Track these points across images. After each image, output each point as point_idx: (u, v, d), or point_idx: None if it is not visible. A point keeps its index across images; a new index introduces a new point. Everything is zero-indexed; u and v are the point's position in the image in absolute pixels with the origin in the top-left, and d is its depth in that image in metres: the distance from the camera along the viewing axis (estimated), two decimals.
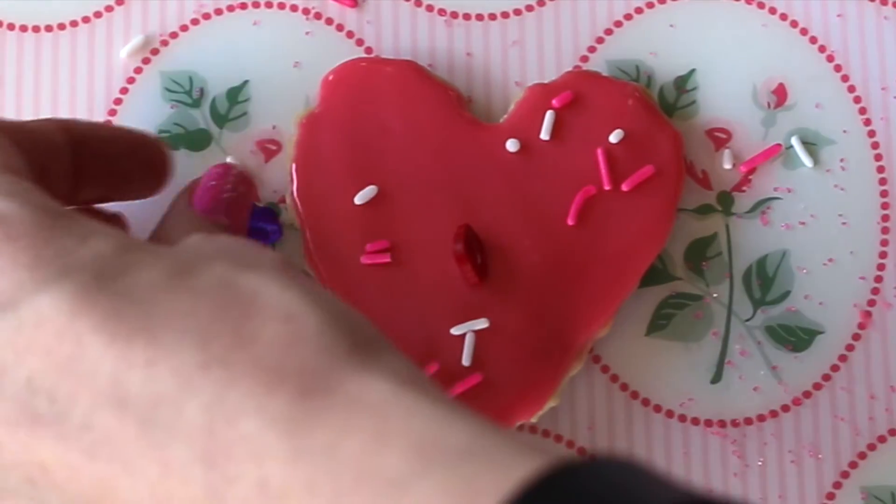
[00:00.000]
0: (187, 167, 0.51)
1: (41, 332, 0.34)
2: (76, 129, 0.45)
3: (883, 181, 0.52)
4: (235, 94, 0.51)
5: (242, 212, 0.46)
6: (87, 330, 0.34)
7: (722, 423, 0.50)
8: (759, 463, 0.50)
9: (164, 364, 0.34)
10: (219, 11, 0.52)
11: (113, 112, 0.51)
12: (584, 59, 0.52)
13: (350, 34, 0.52)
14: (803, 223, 0.51)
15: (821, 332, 0.51)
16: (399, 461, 0.32)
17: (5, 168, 0.39)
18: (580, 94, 0.50)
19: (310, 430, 0.33)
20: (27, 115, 0.51)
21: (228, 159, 0.51)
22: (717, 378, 0.50)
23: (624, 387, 0.50)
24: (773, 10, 0.53)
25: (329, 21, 0.52)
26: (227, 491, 0.33)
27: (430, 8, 0.52)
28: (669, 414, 0.50)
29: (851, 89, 0.52)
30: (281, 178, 0.51)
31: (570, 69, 0.52)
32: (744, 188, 0.52)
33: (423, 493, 0.31)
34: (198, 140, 0.51)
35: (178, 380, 0.33)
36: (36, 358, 0.34)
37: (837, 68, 0.52)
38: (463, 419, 0.33)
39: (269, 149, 0.51)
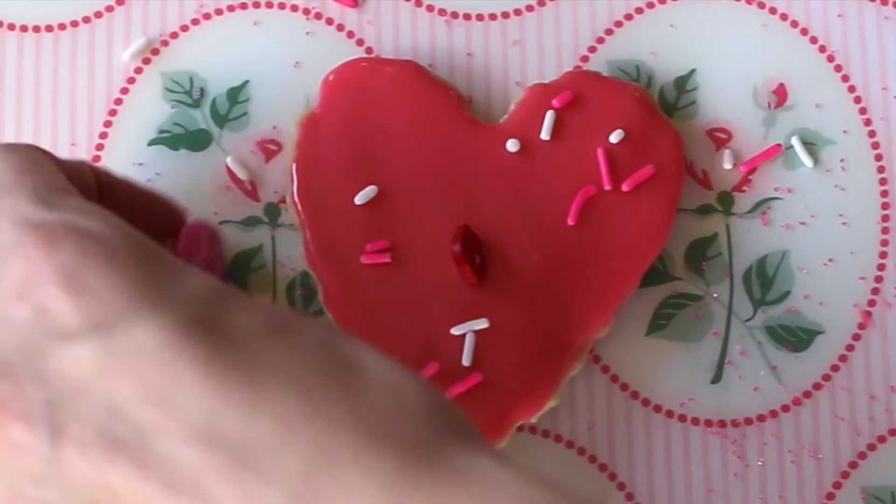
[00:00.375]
0: (188, 167, 0.51)
1: (134, 360, 0.34)
2: (101, 175, 0.45)
3: (883, 181, 0.52)
4: (236, 95, 0.51)
5: (215, 272, 0.47)
6: (185, 364, 0.34)
7: (722, 424, 0.50)
8: (760, 463, 0.50)
9: (265, 408, 0.34)
10: (219, 11, 0.52)
11: (113, 112, 0.51)
12: (585, 59, 0.52)
13: (350, 34, 0.52)
14: (803, 223, 0.51)
15: (821, 332, 0.51)
16: None
17: (87, 195, 0.39)
18: (580, 95, 0.50)
19: (413, 492, 0.33)
20: (28, 116, 0.51)
21: (228, 160, 0.51)
22: (717, 378, 0.50)
23: (624, 387, 0.50)
24: (773, 10, 0.53)
25: (329, 21, 0.52)
26: None
27: (430, 8, 0.52)
28: (669, 414, 0.50)
29: (852, 89, 0.52)
30: (281, 179, 0.51)
31: (570, 69, 0.52)
32: (744, 188, 0.52)
33: None
34: (198, 140, 0.51)
35: (278, 425, 0.33)
36: (124, 384, 0.34)
37: (838, 68, 0.52)
38: (563, 495, 0.33)
39: (269, 149, 0.51)
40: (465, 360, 0.48)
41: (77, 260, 0.35)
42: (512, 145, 0.50)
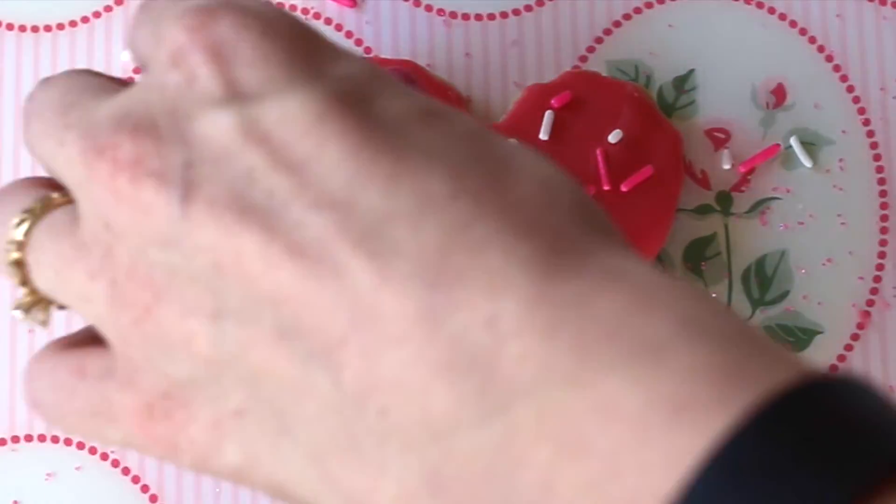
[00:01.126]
0: None
1: (281, 129, 0.33)
2: None
3: (882, 181, 0.52)
4: None
5: None
6: (332, 136, 0.33)
7: None
8: None
9: (409, 183, 0.32)
10: None
11: None
12: (583, 59, 0.52)
13: (349, 34, 0.52)
14: (802, 223, 0.51)
15: (819, 332, 0.51)
16: (662, 327, 0.30)
17: None
18: (579, 95, 0.50)
19: (559, 282, 0.31)
20: None
21: None
22: None
23: None
24: (772, 10, 0.53)
25: (328, 21, 0.52)
26: (447, 315, 0.31)
27: (428, 8, 0.52)
28: None
29: (850, 89, 0.52)
30: None
31: (569, 69, 0.52)
32: (743, 188, 0.52)
33: (686, 361, 0.29)
34: None
35: (420, 200, 0.32)
36: (266, 151, 0.33)
37: (836, 68, 0.52)
38: (725, 308, 0.32)
39: None
40: None
41: (232, 32, 0.35)
42: None
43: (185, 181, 0.34)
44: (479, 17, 0.52)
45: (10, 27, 0.52)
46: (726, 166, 0.52)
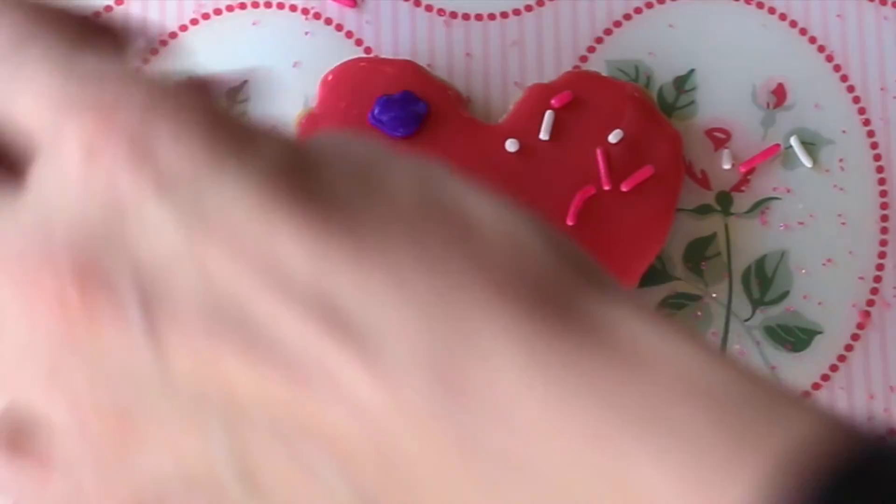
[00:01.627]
0: None
1: (224, 218, 0.30)
2: None
3: (882, 181, 0.52)
4: (235, 95, 0.51)
5: None
6: (281, 219, 0.30)
7: None
8: None
9: (378, 267, 0.29)
10: (218, 11, 0.52)
11: None
12: (584, 59, 0.52)
13: (349, 34, 0.52)
14: (802, 223, 0.51)
15: (819, 333, 0.51)
16: (683, 410, 0.28)
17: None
18: (579, 95, 0.50)
19: (551, 356, 0.29)
20: None
21: None
22: None
23: None
24: (772, 10, 0.53)
25: (328, 21, 0.52)
26: (459, 414, 0.29)
27: (429, 8, 0.52)
28: None
29: (850, 89, 0.52)
30: None
31: (569, 69, 0.52)
32: (743, 188, 0.52)
33: (693, 434, 0.28)
34: None
35: (394, 283, 0.29)
36: (216, 249, 0.30)
37: (837, 68, 0.52)
38: (728, 363, 0.29)
39: None
40: None
41: (142, 122, 0.30)
42: (511, 145, 0.50)
43: (146, 314, 0.30)
44: (479, 17, 0.52)
45: None
46: (726, 166, 0.52)
